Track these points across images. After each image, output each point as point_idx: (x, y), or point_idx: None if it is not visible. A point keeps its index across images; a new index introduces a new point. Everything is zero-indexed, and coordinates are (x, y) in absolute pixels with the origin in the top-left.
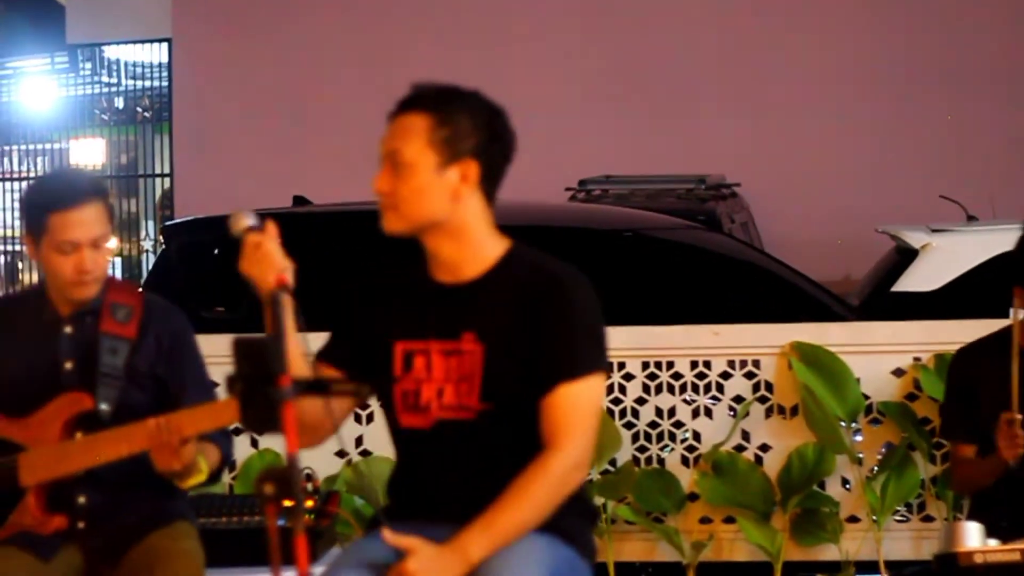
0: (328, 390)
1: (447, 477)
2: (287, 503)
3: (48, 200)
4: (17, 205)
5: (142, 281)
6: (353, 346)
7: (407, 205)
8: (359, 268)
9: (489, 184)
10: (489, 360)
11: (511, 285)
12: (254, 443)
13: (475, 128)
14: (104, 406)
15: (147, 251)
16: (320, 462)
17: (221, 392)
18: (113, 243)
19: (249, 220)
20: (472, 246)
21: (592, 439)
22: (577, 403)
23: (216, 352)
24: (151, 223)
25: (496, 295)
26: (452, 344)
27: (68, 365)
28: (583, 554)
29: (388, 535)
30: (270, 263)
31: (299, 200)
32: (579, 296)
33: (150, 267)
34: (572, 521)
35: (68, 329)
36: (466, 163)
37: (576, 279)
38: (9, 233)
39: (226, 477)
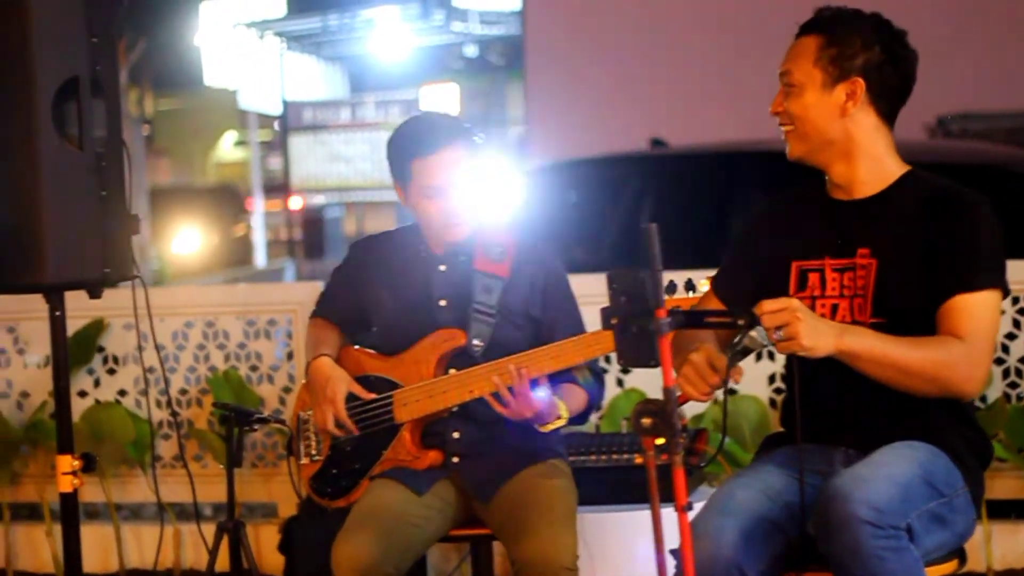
0: (703, 323)
1: (844, 396)
2: (659, 441)
3: (409, 148)
4: (371, 153)
5: None
6: (752, 270)
7: (800, 123)
8: (718, 208)
9: (882, 103)
10: (881, 274)
11: (911, 202)
12: (619, 383)
13: (865, 47)
14: (477, 342)
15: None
16: None
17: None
18: (486, 178)
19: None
20: (866, 165)
21: (989, 356)
22: (976, 313)
23: (581, 292)
24: (504, 169)
25: (893, 211)
26: (847, 260)
27: (442, 303)
28: (967, 479)
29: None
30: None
31: (657, 143)
32: (983, 214)
33: (509, 211)
34: (963, 449)
35: (442, 267)
36: (853, 81)
37: (980, 198)
38: (365, 182)
39: (593, 417)
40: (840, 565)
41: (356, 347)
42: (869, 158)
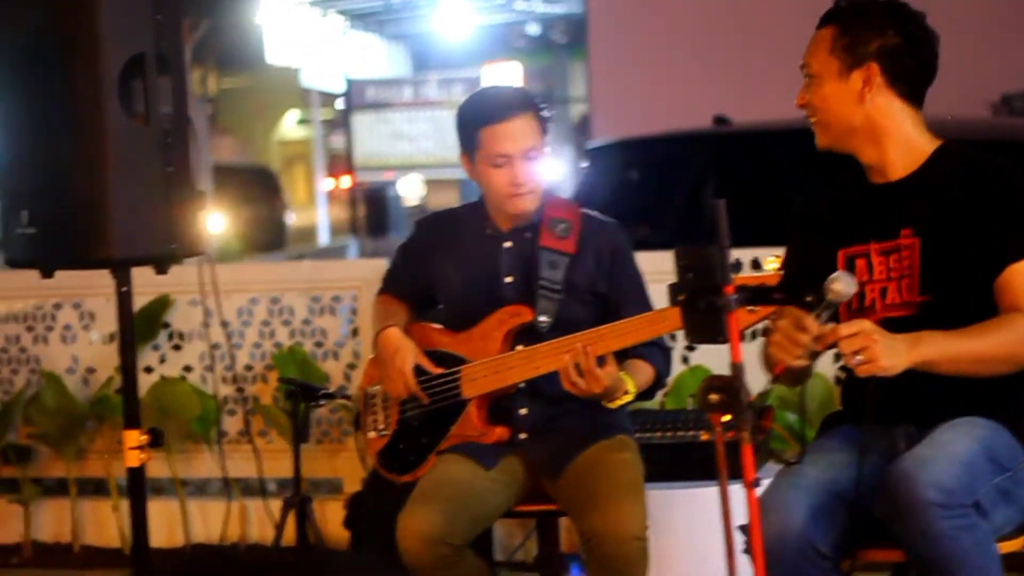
0: (770, 299)
1: (903, 375)
2: (726, 417)
3: (478, 116)
4: (434, 131)
5: None
6: (806, 265)
7: (822, 113)
8: (782, 186)
9: (901, 85)
10: (926, 252)
11: (946, 177)
12: (684, 360)
13: (878, 33)
14: (543, 318)
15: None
16: (751, 377)
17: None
18: (549, 152)
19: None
20: (896, 146)
21: None
22: None
23: (646, 269)
24: (566, 148)
25: (930, 188)
26: (890, 243)
27: (508, 279)
28: None
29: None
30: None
31: (720, 120)
32: (1017, 180)
33: (572, 189)
34: None
35: (508, 244)
36: (868, 67)
37: (1012, 166)
38: (428, 160)
39: (658, 394)
40: (912, 547)
41: (423, 323)
42: (897, 140)
